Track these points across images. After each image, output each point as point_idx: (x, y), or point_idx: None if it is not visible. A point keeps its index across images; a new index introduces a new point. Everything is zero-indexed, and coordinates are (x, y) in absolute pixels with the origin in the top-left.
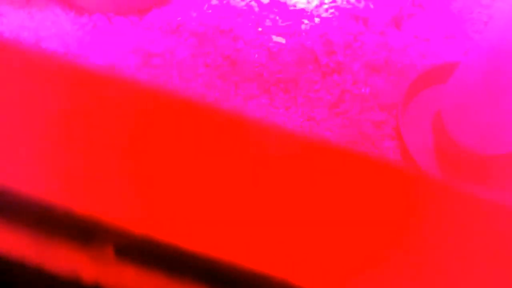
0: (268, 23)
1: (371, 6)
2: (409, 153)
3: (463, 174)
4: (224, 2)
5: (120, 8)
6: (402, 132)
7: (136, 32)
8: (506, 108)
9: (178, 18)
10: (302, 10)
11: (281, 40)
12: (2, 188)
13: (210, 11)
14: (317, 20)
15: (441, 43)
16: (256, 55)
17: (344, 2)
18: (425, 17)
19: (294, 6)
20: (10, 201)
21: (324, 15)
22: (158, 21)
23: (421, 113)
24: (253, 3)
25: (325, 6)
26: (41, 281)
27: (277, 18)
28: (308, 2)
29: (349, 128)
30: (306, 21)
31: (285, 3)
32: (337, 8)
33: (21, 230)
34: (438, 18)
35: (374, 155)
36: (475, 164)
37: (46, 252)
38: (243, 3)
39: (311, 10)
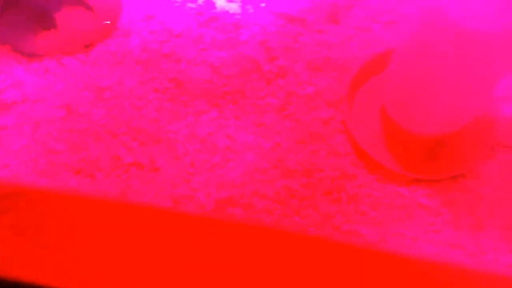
0: (207, 39)
1: (307, 5)
2: (358, 144)
3: (414, 157)
4: (163, 26)
5: (65, 47)
6: (348, 125)
7: (85, 69)
8: (439, 87)
9: (122, 49)
10: (239, 20)
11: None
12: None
13: (151, 36)
14: (255, 28)
15: (383, 31)
16: (200, 73)
17: (280, 7)
18: (363, 6)
19: (232, 17)
20: None
21: (261, 22)
22: (103, 55)
23: (367, 103)
24: (190, 22)
25: (262, 13)
26: None
27: (216, 33)
28: (244, 12)
29: (298, 129)
30: (244, 31)
31: (221, 17)
32: (273, 13)
33: None
34: (377, 5)
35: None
36: (423, 146)
37: None
38: (181, 24)
39: (248, 20)
